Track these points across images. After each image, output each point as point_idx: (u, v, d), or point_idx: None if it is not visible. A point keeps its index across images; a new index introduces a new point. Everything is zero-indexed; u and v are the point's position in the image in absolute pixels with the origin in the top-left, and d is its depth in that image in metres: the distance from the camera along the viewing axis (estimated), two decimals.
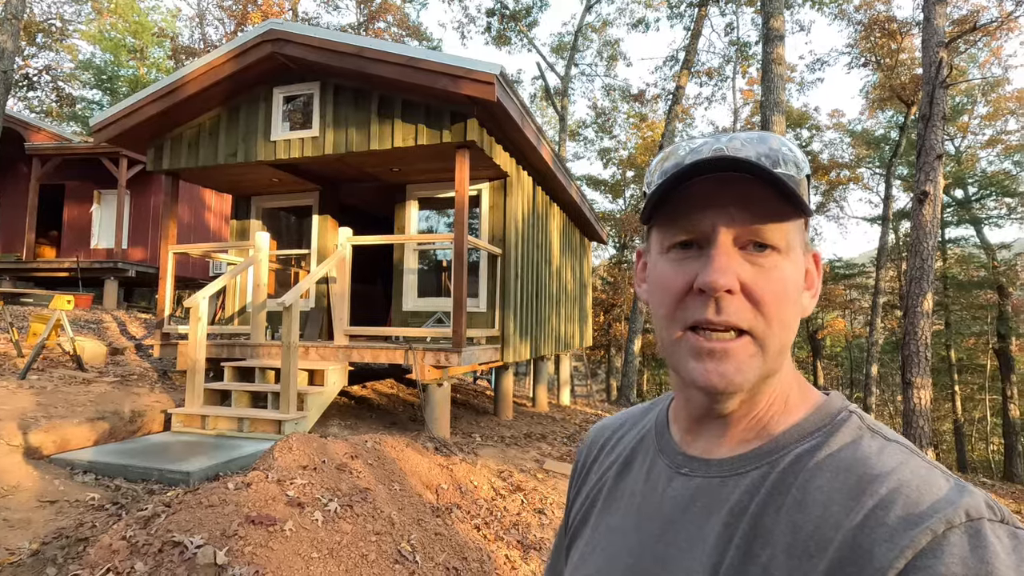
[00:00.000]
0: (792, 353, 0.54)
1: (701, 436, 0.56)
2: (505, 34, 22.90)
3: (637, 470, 0.61)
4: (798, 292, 0.52)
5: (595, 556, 0.59)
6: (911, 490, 0.43)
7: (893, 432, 0.50)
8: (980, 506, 0.41)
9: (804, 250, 0.53)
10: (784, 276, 0.50)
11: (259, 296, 5.59)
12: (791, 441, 0.50)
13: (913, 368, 8.19)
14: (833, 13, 18.17)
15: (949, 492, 0.42)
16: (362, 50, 5.09)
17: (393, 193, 6.84)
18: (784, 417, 0.52)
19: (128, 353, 6.74)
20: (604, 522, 0.61)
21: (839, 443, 0.48)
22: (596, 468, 0.67)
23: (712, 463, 0.53)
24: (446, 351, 5.05)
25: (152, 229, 11.29)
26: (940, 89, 8.71)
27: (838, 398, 0.54)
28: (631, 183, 24.39)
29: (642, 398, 21.49)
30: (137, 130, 6.03)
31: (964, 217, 20.44)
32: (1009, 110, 19.94)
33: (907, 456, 0.46)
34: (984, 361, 20.66)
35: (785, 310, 0.50)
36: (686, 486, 0.54)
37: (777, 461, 0.50)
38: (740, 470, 0.51)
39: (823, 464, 0.47)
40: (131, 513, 2.75)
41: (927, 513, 0.41)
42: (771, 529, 0.46)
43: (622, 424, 0.69)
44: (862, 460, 0.46)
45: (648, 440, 0.62)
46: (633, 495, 0.59)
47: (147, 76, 21.57)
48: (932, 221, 8.54)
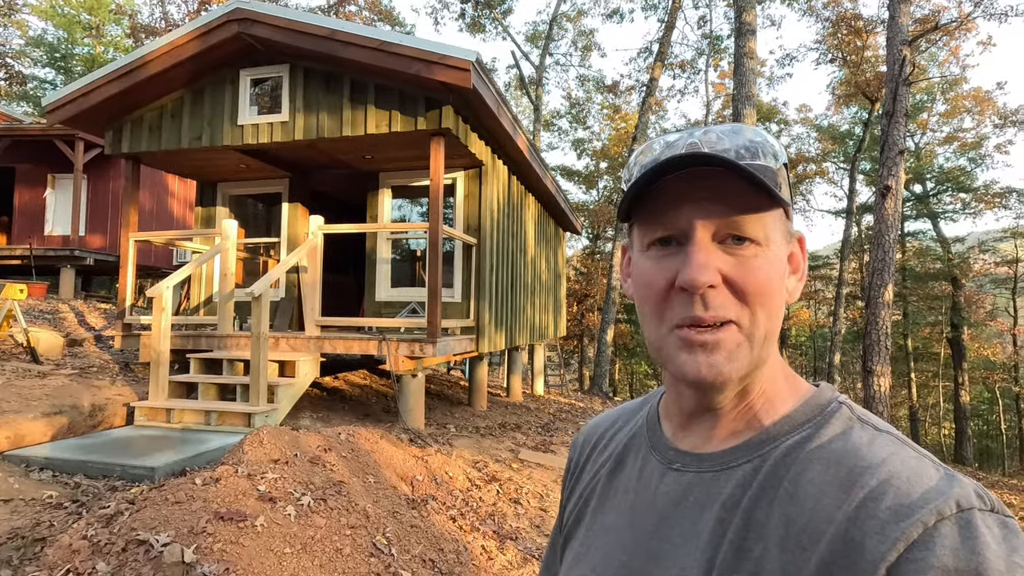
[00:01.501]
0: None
1: (692, 431, 0.56)
2: (479, 21, 22.63)
3: (630, 467, 0.61)
4: (781, 281, 0.52)
5: (590, 555, 0.59)
6: (901, 481, 0.43)
7: (883, 422, 0.50)
8: (970, 496, 0.41)
9: (787, 238, 0.54)
10: (765, 266, 0.50)
11: (227, 286, 5.42)
12: (781, 433, 0.51)
13: (874, 357, 8.48)
14: (803, 9, 18.50)
15: (939, 483, 0.43)
16: (333, 32, 4.94)
17: (366, 181, 6.70)
18: (774, 409, 0.52)
19: (87, 344, 6.48)
20: (598, 521, 0.61)
21: (829, 434, 0.49)
22: (589, 467, 0.67)
23: (704, 457, 0.53)
24: (421, 342, 4.99)
25: (112, 215, 10.83)
26: (903, 86, 8.96)
27: (828, 389, 0.54)
28: (604, 174, 24.51)
29: (614, 388, 21.79)
30: (95, 111, 5.75)
31: (922, 211, 21.24)
32: (965, 108, 20.71)
33: (897, 447, 0.46)
34: (938, 350, 21.60)
35: (768, 300, 0.50)
36: (678, 481, 0.54)
37: (768, 454, 0.50)
38: (731, 464, 0.51)
39: (814, 456, 0.47)
40: (92, 511, 2.64)
41: (918, 504, 0.41)
42: (764, 522, 0.46)
43: (614, 422, 0.69)
44: (853, 451, 0.46)
45: (640, 437, 0.62)
46: (627, 492, 0.59)
47: (104, 55, 20.61)
48: (894, 215, 8.82)
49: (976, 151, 20.59)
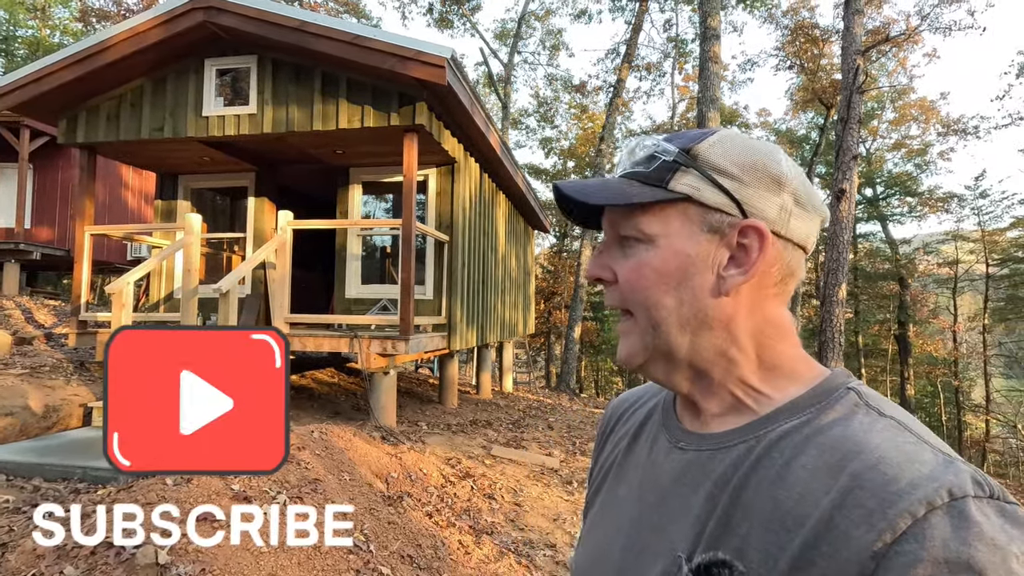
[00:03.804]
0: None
1: (691, 412, 0.59)
2: (448, 17, 22.46)
3: (643, 443, 0.63)
4: (669, 273, 0.54)
5: (603, 525, 0.62)
6: (890, 467, 0.42)
7: (893, 406, 0.49)
8: (965, 484, 0.40)
9: (704, 229, 0.53)
10: (645, 262, 0.55)
11: (190, 282, 5.25)
12: (782, 417, 0.51)
13: (829, 353, 8.87)
14: (763, 16, 19.09)
15: (933, 469, 0.41)
16: (304, 24, 4.85)
17: (336, 176, 6.60)
18: (780, 394, 0.53)
19: (37, 343, 6.17)
20: (614, 492, 0.63)
21: (829, 419, 0.48)
22: (612, 439, 0.70)
23: (705, 437, 0.55)
24: (393, 339, 4.96)
25: (60, 207, 10.32)
26: (857, 94, 9.37)
27: (841, 375, 0.53)
28: (572, 173, 24.73)
29: (580, 385, 22.02)
30: (47, 98, 5.47)
31: (872, 214, 22.23)
32: (912, 116, 21.79)
33: (896, 432, 0.45)
34: (886, 346, 22.66)
35: (642, 291, 0.55)
36: (680, 459, 0.56)
37: (764, 435, 0.50)
38: (728, 444, 0.52)
39: (811, 440, 0.47)
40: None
41: (905, 491, 0.40)
42: (751, 502, 0.47)
43: (639, 398, 0.71)
44: (850, 437, 0.46)
45: (656, 415, 0.65)
46: (637, 467, 0.61)
47: (50, 39, 19.55)
48: (848, 217, 9.23)
49: (921, 157, 21.69)
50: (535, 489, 4.38)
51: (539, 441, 6.10)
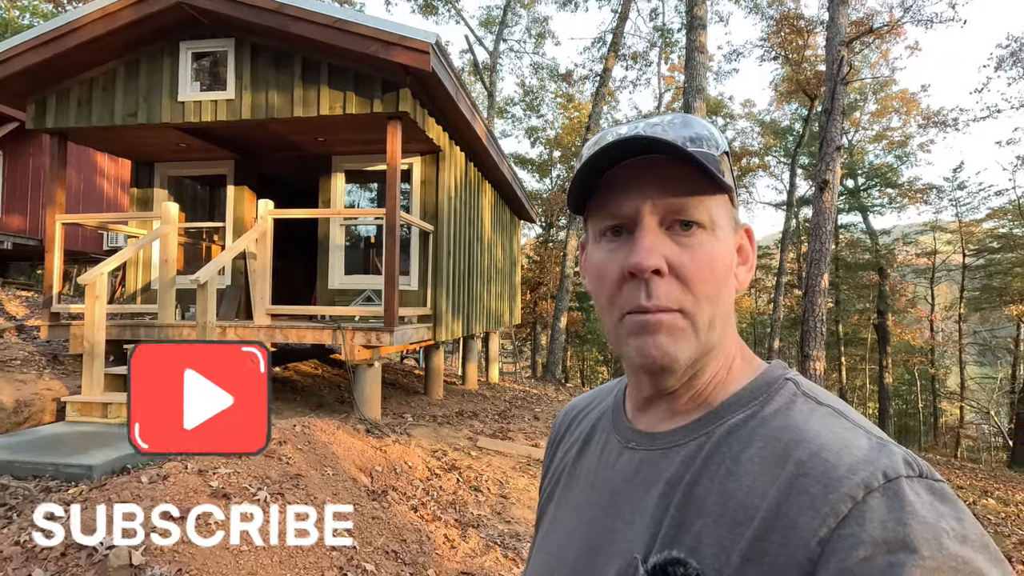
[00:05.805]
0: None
1: (649, 413, 0.57)
2: (432, 3, 22.09)
3: (594, 447, 0.62)
4: (727, 267, 0.53)
5: (556, 533, 0.61)
6: (830, 454, 0.43)
7: (828, 395, 0.51)
8: (898, 465, 0.41)
9: (734, 226, 0.55)
10: (711, 252, 0.51)
11: (167, 272, 5.12)
12: (729, 412, 0.51)
13: (811, 342, 8.97)
14: (749, 6, 19.08)
15: (868, 453, 0.43)
16: (283, 7, 4.70)
17: (318, 164, 6.46)
18: (725, 389, 0.53)
19: (8, 335, 5.99)
20: (566, 499, 0.62)
21: (771, 410, 0.49)
22: (562, 446, 0.69)
23: (656, 436, 0.54)
24: (377, 330, 4.89)
25: (33, 195, 10.02)
26: (840, 85, 9.41)
27: (778, 366, 0.54)
28: (558, 163, 24.63)
29: (566, 375, 22.13)
30: (13, 81, 5.25)
31: (854, 205, 22.52)
32: (894, 108, 22.05)
33: (833, 419, 0.47)
34: (866, 335, 23.08)
35: (713, 286, 0.51)
36: (632, 460, 0.55)
37: (713, 431, 0.50)
38: (679, 442, 0.52)
39: (756, 433, 0.48)
40: (24, 515, 2.46)
41: (844, 476, 0.41)
42: (704, 498, 0.47)
43: (589, 403, 0.70)
44: (790, 427, 0.47)
45: (606, 419, 0.63)
46: (589, 472, 0.60)
47: (19, 20, 18.87)
48: (831, 207, 9.30)
49: (902, 149, 21.98)
50: (521, 480, 4.36)
51: (525, 432, 6.09)
